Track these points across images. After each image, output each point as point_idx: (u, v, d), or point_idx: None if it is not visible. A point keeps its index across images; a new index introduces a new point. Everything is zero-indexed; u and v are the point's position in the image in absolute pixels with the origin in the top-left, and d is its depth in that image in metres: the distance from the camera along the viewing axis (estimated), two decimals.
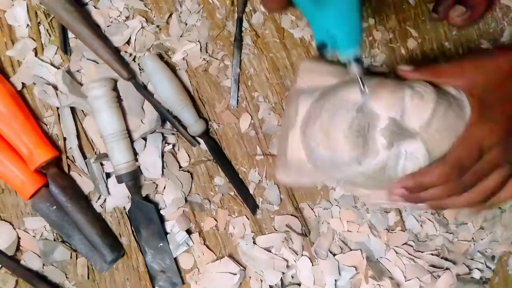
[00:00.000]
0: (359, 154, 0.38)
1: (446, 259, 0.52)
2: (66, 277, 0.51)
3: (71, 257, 0.51)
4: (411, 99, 0.38)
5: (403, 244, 0.52)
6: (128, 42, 0.51)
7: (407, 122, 0.38)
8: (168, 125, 0.52)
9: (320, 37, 0.36)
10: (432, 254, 0.52)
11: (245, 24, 0.52)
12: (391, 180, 0.40)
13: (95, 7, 0.51)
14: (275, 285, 0.51)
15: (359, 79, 0.37)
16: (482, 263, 0.52)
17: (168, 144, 0.52)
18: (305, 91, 0.45)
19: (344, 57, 0.36)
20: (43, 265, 0.51)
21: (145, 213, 0.50)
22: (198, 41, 0.52)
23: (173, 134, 0.52)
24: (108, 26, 0.51)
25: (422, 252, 0.52)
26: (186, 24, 0.52)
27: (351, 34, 0.35)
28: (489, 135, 0.38)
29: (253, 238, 0.52)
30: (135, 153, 0.51)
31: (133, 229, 0.51)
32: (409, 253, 0.51)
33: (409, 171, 0.38)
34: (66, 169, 0.51)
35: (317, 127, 0.40)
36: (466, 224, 0.53)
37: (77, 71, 0.51)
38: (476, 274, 0.52)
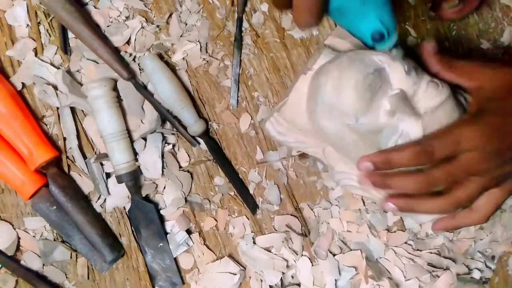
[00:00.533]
0: (360, 108, 0.38)
1: (446, 258, 0.52)
2: (66, 277, 0.51)
3: (71, 257, 0.51)
4: (427, 84, 0.38)
5: (403, 243, 0.52)
6: (128, 42, 0.51)
7: (415, 102, 0.38)
8: (168, 125, 0.52)
9: (368, 31, 0.38)
10: (431, 253, 0.52)
11: (245, 24, 0.52)
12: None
13: (95, 7, 0.51)
14: (275, 285, 0.51)
15: (402, 63, 0.38)
16: (482, 263, 0.52)
17: (168, 144, 0.52)
18: (331, 48, 0.44)
19: (388, 45, 0.38)
20: (43, 265, 0.51)
21: (145, 213, 0.50)
22: (198, 41, 0.52)
23: (173, 134, 0.52)
24: (108, 26, 0.51)
25: (421, 250, 0.52)
26: (186, 24, 0.52)
27: (392, 23, 0.37)
28: (471, 137, 0.37)
29: (253, 238, 0.52)
30: (135, 153, 0.51)
31: (133, 229, 0.51)
32: (408, 252, 0.51)
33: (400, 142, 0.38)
34: (66, 169, 0.51)
35: (334, 65, 0.39)
36: None
37: (77, 71, 0.51)
38: (476, 274, 0.52)
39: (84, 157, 0.51)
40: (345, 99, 0.38)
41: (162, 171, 0.51)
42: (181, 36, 0.52)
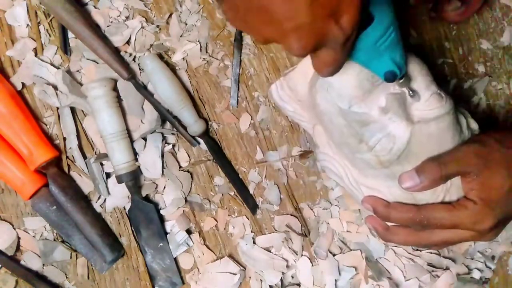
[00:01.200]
0: (356, 96, 0.38)
1: (446, 258, 0.52)
2: (66, 277, 0.51)
3: (71, 257, 0.51)
4: (431, 94, 0.38)
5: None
6: (128, 42, 0.51)
7: (412, 109, 0.38)
8: (168, 125, 0.52)
9: (382, 72, 0.37)
10: (431, 253, 0.52)
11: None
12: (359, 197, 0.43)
13: (95, 7, 0.51)
14: (275, 285, 0.51)
15: (408, 90, 0.38)
16: (482, 263, 0.52)
17: (168, 144, 0.52)
18: None
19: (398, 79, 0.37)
20: (43, 265, 0.51)
21: (145, 213, 0.50)
22: (198, 41, 0.52)
23: (173, 134, 0.52)
24: (108, 26, 0.51)
25: (421, 250, 0.52)
26: (186, 24, 0.52)
27: (403, 59, 0.37)
28: (470, 226, 0.39)
29: (253, 238, 0.52)
30: (135, 153, 0.51)
31: (133, 229, 0.51)
32: (408, 252, 0.51)
33: (380, 147, 0.38)
34: (66, 169, 0.51)
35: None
36: None
37: (77, 71, 0.51)
38: (476, 274, 0.52)
39: (84, 157, 0.51)
40: (344, 82, 0.38)
41: (162, 171, 0.51)
42: (181, 36, 0.52)
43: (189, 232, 0.52)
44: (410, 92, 0.38)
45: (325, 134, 0.44)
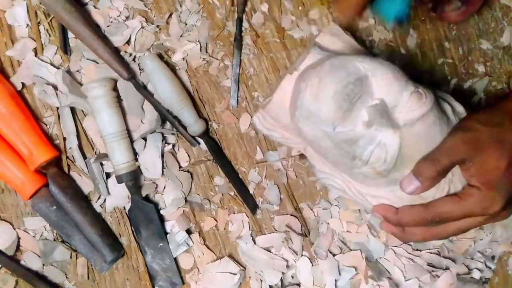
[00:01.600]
0: (337, 117, 0.38)
1: (446, 258, 0.52)
2: (66, 277, 0.51)
3: (71, 257, 0.51)
4: (410, 95, 0.38)
5: (402, 244, 0.52)
6: (128, 42, 0.51)
7: (395, 114, 0.38)
8: (168, 125, 0.52)
9: (392, 16, 0.42)
10: (430, 253, 0.52)
11: (245, 24, 0.52)
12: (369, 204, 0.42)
13: (95, 7, 0.51)
14: (275, 285, 0.51)
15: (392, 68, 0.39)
16: (482, 263, 0.52)
17: (168, 144, 0.52)
18: (320, 48, 0.44)
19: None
20: (43, 265, 0.51)
21: (145, 213, 0.50)
22: (198, 41, 0.52)
23: (173, 134, 0.52)
24: (108, 26, 0.51)
25: (420, 250, 0.52)
26: (186, 24, 0.52)
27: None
28: (482, 211, 0.39)
29: (252, 237, 0.52)
30: (135, 153, 0.51)
31: (133, 229, 0.51)
32: (408, 252, 0.51)
33: (374, 159, 0.38)
34: (66, 169, 0.51)
35: (314, 72, 0.40)
36: None
37: (77, 71, 0.51)
38: (476, 274, 0.52)
39: (84, 157, 0.51)
40: (322, 107, 0.38)
41: (162, 171, 0.51)
42: (181, 36, 0.52)
43: (189, 232, 0.52)
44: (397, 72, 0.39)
45: (317, 154, 0.44)
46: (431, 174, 0.38)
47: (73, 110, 0.51)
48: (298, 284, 0.51)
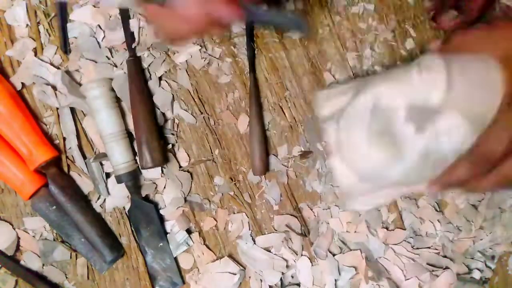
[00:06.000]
0: (394, 153, 0.37)
1: (445, 257, 0.52)
2: (66, 277, 0.51)
3: (70, 257, 0.51)
4: (420, 75, 0.36)
5: (402, 242, 0.52)
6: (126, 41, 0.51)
7: (426, 100, 0.36)
8: (168, 124, 0.52)
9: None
10: (430, 252, 0.52)
11: (243, 25, 0.52)
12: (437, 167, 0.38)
13: (94, 6, 0.51)
14: (275, 285, 0.51)
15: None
16: (482, 263, 0.52)
17: (168, 144, 0.52)
18: (329, 117, 0.44)
19: None
20: (43, 265, 0.51)
21: (145, 213, 0.50)
22: (198, 41, 0.52)
23: (172, 134, 0.52)
24: (108, 24, 0.51)
25: (420, 248, 0.52)
26: None
27: None
28: None
29: (252, 237, 0.52)
30: (135, 153, 0.51)
31: (133, 229, 0.51)
32: (407, 251, 0.51)
33: (456, 144, 0.36)
34: (65, 169, 0.51)
35: (344, 149, 0.39)
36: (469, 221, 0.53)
37: (76, 70, 0.51)
38: (476, 274, 0.52)
39: (84, 157, 0.51)
40: (375, 160, 0.37)
41: (162, 171, 0.51)
42: None
43: (189, 232, 0.52)
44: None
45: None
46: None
47: (73, 110, 0.51)
48: (298, 284, 0.51)
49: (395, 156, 0.37)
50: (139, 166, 0.49)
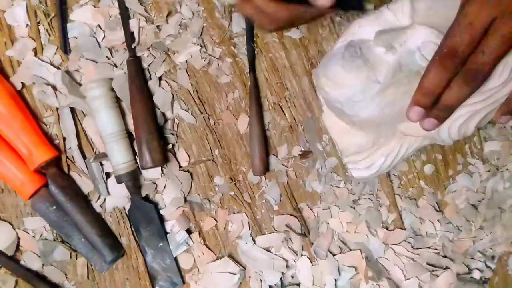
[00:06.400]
0: (369, 75, 0.39)
1: (445, 257, 0.52)
2: (66, 277, 0.51)
3: (70, 257, 0.51)
4: (387, 8, 0.40)
5: (402, 242, 0.52)
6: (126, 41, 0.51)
7: (394, 23, 0.39)
8: (168, 124, 0.52)
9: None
10: (430, 252, 0.52)
11: (242, 25, 0.52)
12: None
13: (95, 6, 0.51)
14: (275, 285, 0.51)
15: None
16: (482, 263, 0.52)
17: (168, 144, 0.52)
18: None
19: None
20: (43, 265, 0.51)
21: (145, 213, 0.50)
22: (200, 41, 0.52)
23: (172, 134, 0.52)
24: (108, 24, 0.51)
25: (420, 248, 0.52)
26: (186, 24, 0.52)
27: None
28: (479, 8, 0.33)
29: (252, 237, 0.52)
30: (135, 153, 0.51)
31: (133, 229, 0.51)
32: (407, 250, 0.51)
33: (429, 56, 0.37)
34: (65, 169, 0.51)
35: (326, 88, 0.42)
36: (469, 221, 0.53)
37: (76, 70, 0.51)
38: (476, 274, 0.52)
39: (84, 157, 0.51)
40: (348, 82, 0.40)
41: (162, 171, 0.51)
42: (181, 36, 0.52)
43: (189, 232, 0.52)
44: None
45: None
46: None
47: (72, 110, 0.51)
48: (298, 284, 0.51)
49: (370, 78, 0.39)
50: (139, 166, 0.49)
